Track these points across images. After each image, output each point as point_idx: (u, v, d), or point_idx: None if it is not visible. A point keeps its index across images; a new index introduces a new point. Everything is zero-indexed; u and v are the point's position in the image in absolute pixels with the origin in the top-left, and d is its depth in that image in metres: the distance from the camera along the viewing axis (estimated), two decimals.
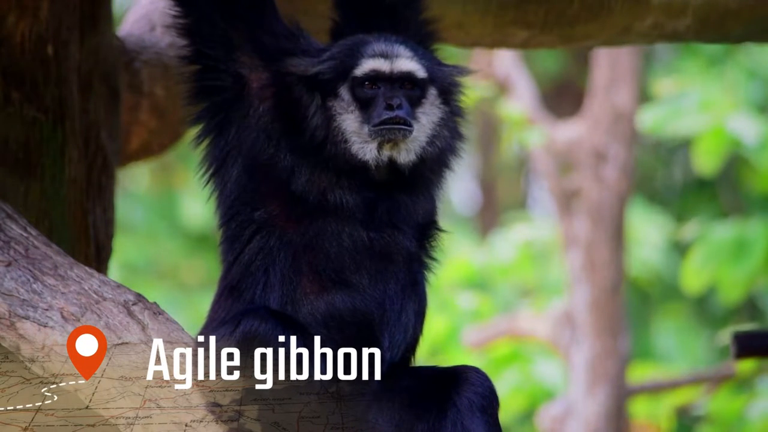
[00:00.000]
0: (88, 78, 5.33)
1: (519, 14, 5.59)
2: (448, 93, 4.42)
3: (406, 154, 4.35)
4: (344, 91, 4.34)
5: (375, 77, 4.33)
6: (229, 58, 4.39)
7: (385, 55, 4.35)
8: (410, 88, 4.35)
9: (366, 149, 4.33)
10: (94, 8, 5.43)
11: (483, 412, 4.24)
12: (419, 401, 4.27)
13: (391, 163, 4.34)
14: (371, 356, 4.28)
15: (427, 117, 4.36)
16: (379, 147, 4.32)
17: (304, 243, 4.28)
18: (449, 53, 4.75)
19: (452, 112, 4.45)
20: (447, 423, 4.23)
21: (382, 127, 4.29)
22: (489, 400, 4.27)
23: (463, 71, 4.47)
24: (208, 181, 4.43)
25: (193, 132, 4.45)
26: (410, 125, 4.30)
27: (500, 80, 10.46)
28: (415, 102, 4.35)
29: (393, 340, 4.29)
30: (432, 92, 4.38)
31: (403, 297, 4.30)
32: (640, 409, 10.47)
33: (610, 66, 9.98)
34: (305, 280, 4.27)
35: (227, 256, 4.37)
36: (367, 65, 4.33)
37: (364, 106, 4.33)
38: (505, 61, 10.44)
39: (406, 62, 4.35)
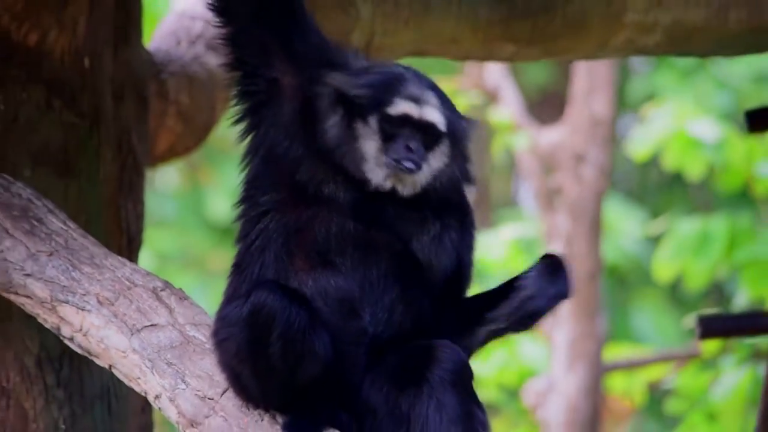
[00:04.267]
0: (120, 87, 5.35)
1: (506, 30, 5.59)
2: (460, 144, 4.38)
3: (410, 188, 4.34)
4: (373, 121, 4.31)
5: (404, 120, 4.31)
6: (264, 63, 4.37)
7: (417, 101, 4.30)
8: (429, 135, 4.32)
9: (375, 173, 4.32)
10: (126, 25, 5.45)
11: (454, 386, 4.21)
12: (401, 376, 4.26)
13: (393, 190, 4.34)
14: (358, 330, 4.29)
15: (436, 161, 4.34)
16: (386, 176, 4.32)
17: (298, 227, 4.28)
18: (444, 65, 4.75)
19: (461, 157, 4.41)
20: (424, 398, 4.22)
21: (395, 163, 4.28)
22: (459, 374, 4.24)
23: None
24: (242, 169, 4.43)
25: (236, 130, 4.43)
26: (420, 167, 4.29)
27: (490, 90, 10.47)
28: (429, 146, 4.32)
29: (375, 316, 4.27)
30: (445, 142, 4.36)
31: (385, 282, 4.28)
32: (615, 384, 10.47)
33: (588, 77, 9.99)
34: (297, 259, 4.26)
35: (240, 236, 4.38)
36: (401, 107, 4.29)
37: (386, 138, 4.30)
38: (494, 72, 10.44)
39: (433, 112, 4.31)
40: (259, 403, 4.25)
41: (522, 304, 4.38)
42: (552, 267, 4.41)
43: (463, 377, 4.25)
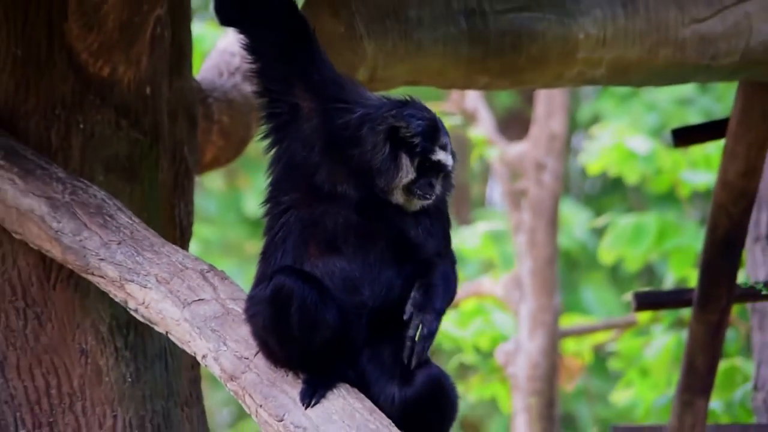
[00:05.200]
0: (174, 110, 5.34)
1: (482, 65, 5.58)
2: (453, 173, 4.38)
3: (414, 207, 4.32)
4: (416, 160, 4.27)
5: (437, 164, 4.29)
6: (287, 92, 4.34)
7: (445, 149, 4.30)
8: (441, 173, 4.32)
9: (399, 195, 4.29)
10: (179, 60, 5.45)
11: (430, 394, 4.21)
12: (394, 371, 4.23)
13: (403, 206, 4.32)
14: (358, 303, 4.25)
15: (439, 188, 4.33)
16: (406, 199, 4.29)
17: (312, 220, 4.24)
18: (433, 92, 4.73)
19: (449, 182, 4.40)
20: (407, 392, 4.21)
21: (419, 193, 4.27)
22: (437, 388, 4.23)
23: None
24: (267, 176, 4.40)
25: (262, 145, 4.41)
26: (432, 198, 4.31)
27: (469, 112, 10.47)
28: (437, 177, 4.32)
29: (373, 290, 4.22)
30: (446, 176, 4.36)
31: (382, 263, 4.24)
32: (568, 347, 10.48)
33: (547, 102, 10.00)
34: (310, 247, 4.23)
35: (265, 230, 4.35)
36: (438, 155, 4.28)
37: (419, 173, 4.27)
38: (473, 98, 10.45)
39: (450, 158, 4.31)
40: (285, 364, 4.23)
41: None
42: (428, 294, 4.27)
43: (441, 393, 4.22)
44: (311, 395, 4.16)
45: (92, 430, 4.87)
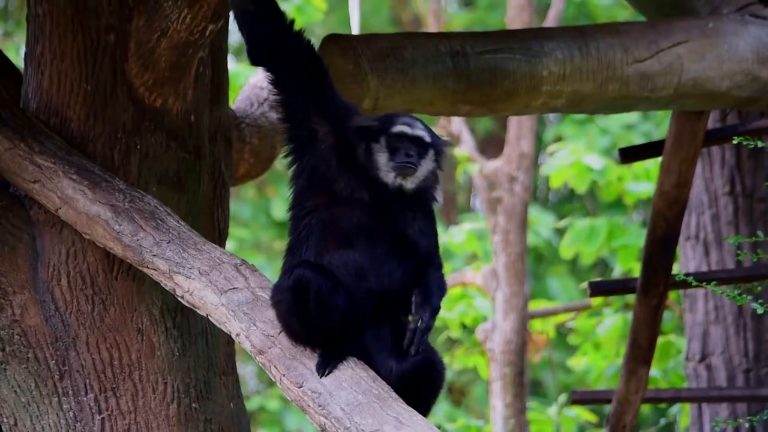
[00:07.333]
0: (214, 133, 5.34)
1: (465, 96, 5.57)
2: (438, 155, 4.33)
3: (410, 183, 4.28)
4: (383, 140, 4.26)
5: (401, 135, 4.25)
6: (306, 119, 4.32)
7: (409, 125, 4.26)
8: (419, 146, 4.26)
9: (389, 176, 4.25)
10: (218, 93, 5.45)
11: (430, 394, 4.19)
12: (393, 348, 4.19)
13: (401, 187, 4.28)
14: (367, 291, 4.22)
15: (425, 165, 4.28)
16: (395, 176, 4.25)
17: (330, 220, 4.22)
18: (425, 118, 4.71)
19: (438, 166, 4.35)
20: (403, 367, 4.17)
21: (399, 164, 4.25)
22: (434, 389, 4.21)
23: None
24: (290, 187, 4.38)
25: (285, 161, 4.39)
26: (417, 167, 4.25)
27: (455, 135, 10.48)
28: (421, 155, 4.26)
29: (378, 279, 4.20)
30: (430, 152, 4.30)
31: (386, 256, 4.21)
32: (536, 325, 10.48)
33: (518, 126, 9.99)
34: (328, 243, 4.21)
35: (291, 230, 4.33)
36: (399, 128, 4.25)
37: (392, 152, 4.24)
38: (457, 123, 10.45)
39: (420, 131, 4.26)
40: (303, 341, 4.23)
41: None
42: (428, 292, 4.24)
43: (435, 390, 4.20)
44: (325, 366, 4.16)
45: (147, 394, 4.87)
